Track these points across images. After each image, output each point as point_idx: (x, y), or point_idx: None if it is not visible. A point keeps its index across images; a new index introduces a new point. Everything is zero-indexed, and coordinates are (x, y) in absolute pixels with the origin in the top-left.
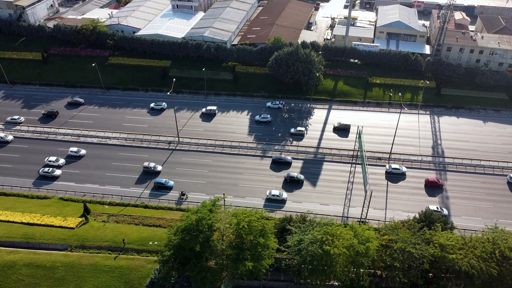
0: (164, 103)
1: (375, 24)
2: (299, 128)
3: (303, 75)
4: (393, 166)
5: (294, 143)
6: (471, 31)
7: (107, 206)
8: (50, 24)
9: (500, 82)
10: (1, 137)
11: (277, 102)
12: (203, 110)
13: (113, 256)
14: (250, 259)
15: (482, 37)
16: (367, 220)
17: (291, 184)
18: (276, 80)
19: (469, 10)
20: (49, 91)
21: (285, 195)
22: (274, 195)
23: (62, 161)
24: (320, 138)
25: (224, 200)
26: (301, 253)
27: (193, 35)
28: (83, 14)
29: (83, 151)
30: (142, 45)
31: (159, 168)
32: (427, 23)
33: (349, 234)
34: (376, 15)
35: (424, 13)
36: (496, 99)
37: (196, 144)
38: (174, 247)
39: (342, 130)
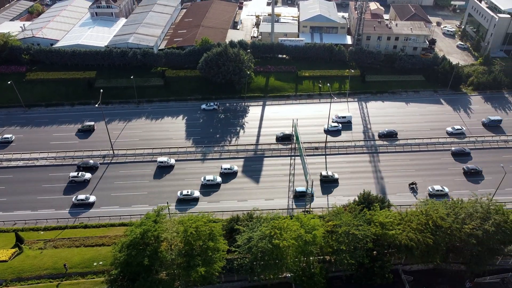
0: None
1: (298, 19)
2: None
3: (234, 74)
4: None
5: (233, 142)
6: (386, 19)
7: (42, 232)
8: None
9: (416, 65)
10: (165, 161)
11: (212, 104)
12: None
13: (55, 283)
14: (202, 265)
15: (396, 25)
16: (311, 210)
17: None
18: (208, 81)
19: (382, 0)
20: None
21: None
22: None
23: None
24: (258, 135)
25: (169, 209)
26: (252, 251)
27: (117, 42)
28: None
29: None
30: (62, 58)
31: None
32: (346, 14)
33: (296, 225)
34: (298, 10)
35: (342, 5)
36: (415, 81)
37: (133, 155)
38: (121, 265)
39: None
